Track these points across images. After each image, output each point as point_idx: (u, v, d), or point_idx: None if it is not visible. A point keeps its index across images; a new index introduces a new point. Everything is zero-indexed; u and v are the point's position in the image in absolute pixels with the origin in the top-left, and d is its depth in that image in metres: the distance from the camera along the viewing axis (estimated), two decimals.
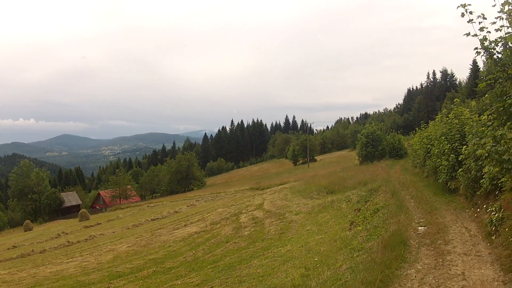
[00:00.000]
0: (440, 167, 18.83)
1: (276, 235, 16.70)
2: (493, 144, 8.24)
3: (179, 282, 12.62)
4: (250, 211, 26.30)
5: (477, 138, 12.59)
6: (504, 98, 7.87)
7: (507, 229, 8.59)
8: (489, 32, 7.89)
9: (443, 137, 18.84)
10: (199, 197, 58.70)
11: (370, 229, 12.54)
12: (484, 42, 7.96)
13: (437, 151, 19.78)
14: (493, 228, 9.72)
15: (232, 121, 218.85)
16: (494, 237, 9.45)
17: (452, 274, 7.82)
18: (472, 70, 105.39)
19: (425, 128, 29.38)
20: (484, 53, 8.10)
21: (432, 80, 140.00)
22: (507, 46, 7.61)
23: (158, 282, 13.26)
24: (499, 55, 7.88)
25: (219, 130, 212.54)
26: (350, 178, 28.53)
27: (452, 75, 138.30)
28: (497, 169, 10.63)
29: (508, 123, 7.95)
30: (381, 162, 40.39)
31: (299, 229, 16.86)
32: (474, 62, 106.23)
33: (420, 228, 11.96)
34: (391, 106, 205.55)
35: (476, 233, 10.54)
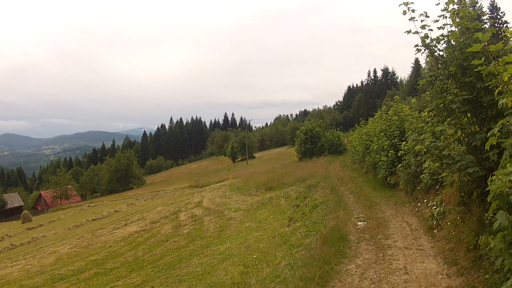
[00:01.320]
0: (380, 163, 19.22)
1: (215, 233, 16.71)
2: (433, 140, 8.37)
3: (120, 283, 12.49)
4: (189, 209, 26.17)
5: (416, 134, 12.88)
6: (445, 95, 8.02)
7: (449, 223, 8.77)
8: (431, 30, 8.02)
9: (382, 134, 19.20)
10: (138, 196, 58.04)
11: (309, 225, 12.57)
12: (426, 39, 8.07)
13: (376, 147, 20.16)
14: (435, 222, 9.93)
15: (171, 118, 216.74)
16: (436, 231, 9.64)
17: (393, 268, 7.86)
18: (414, 69, 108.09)
19: (364, 124, 29.89)
20: (425, 50, 8.21)
21: (373, 78, 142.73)
22: (450, 44, 7.74)
23: (99, 284, 13.10)
24: (441, 53, 8.02)
25: (158, 128, 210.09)
26: (288, 174, 28.53)
27: (394, 74, 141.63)
28: (437, 164, 10.92)
29: (448, 119, 8.11)
30: (320, 159, 40.65)
31: (238, 226, 16.89)
32: (416, 61, 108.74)
33: (359, 223, 12.08)
34: (331, 104, 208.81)
35: (417, 227, 10.74)
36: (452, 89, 7.58)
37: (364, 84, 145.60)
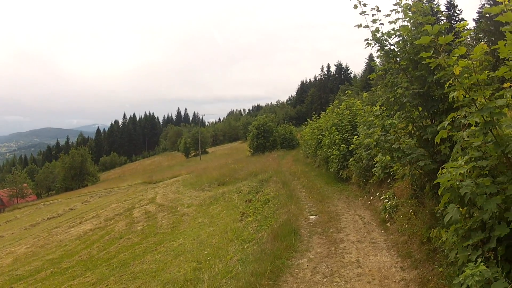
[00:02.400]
0: (332, 157, 19.34)
1: (169, 229, 16.76)
2: (382, 133, 8.42)
3: (76, 282, 12.48)
4: (143, 206, 26.09)
5: (366, 128, 13.00)
6: (395, 88, 8.06)
7: (401, 216, 8.85)
8: (382, 24, 8.02)
9: (334, 128, 19.37)
10: (93, 193, 57.10)
11: (261, 219, 12.60)
12: (376, 34, 8.07)
13: (328, 141, 20.32)
14: (387, 215, 10.00)
15: (124, 114, 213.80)
16: (388, 224, 9.70)
17: (346, 262, 7.82)
18: (368, 64, 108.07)
19: (316, 119, 30.07)
20: (375, 44, 8.20)
21: (326, 73, 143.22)
22: (401, 38, 7.76)
23: (55, 283, 13.07)
24: (392, 47, 8.04)
25: (111, 124, 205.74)
26: (241, 169, 28.67)
27: (347, 69, 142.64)
28: (389, 158, 11.03)
29: (399, 113, 8.15)
30: (273, 153, 40.77)
31: (191, 222, 16.91)
32: (370, 56, 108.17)
33: (311, 217, 12.03)
34: (284, 99, 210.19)
35: (370, 221, 10.79)
36: (403, 83, 7.61)
37: (317, 79, 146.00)
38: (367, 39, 8.17)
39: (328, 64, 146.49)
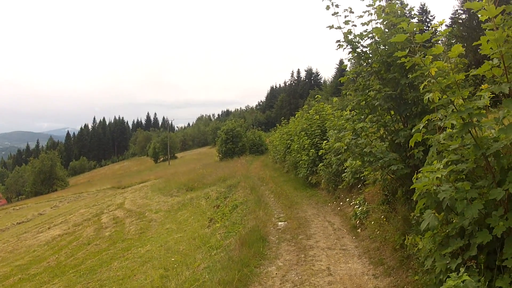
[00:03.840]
0: (301, 162, 19.22)
1: (136, 235, 16.66)
2: (353, 137, 8.20)
3: None
4: (111, 211, 25.95)
5: (336, 132, 12.83)
6: (367, 92, 7.89)
7: (373, 222, 8.65)
8: (355, 25, 7.86)
9: (303, 133, 19.25)
10: (62, 198, 56.43)
11: (229, 226, 12.39)
12: (349, 35, 7.89)
13: (297, 146, 20.20)
14: (358, 221, 9.79)
15: (94, 118, 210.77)
16: (359, 230, 9.48)
17: (316, 269, 7.55)
18: (338, 69, 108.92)
19: (285, 124, 30.01)
20: (347, 46, 8.02)
21: (296, 78, 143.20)
22: (374, 40, 7.59)
23: None
24: (364, 49, 7.87)
25: (81, 128, 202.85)
26: (209, 174, 28.61)
27: (317, 74, 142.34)
28: (359, 162, 10.87)
29: (370, 116, 7.98)
30: (241, 158, 40.92)
31: (158, 228, 16.83)
32: (341, 62, 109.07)
33: (280, 223, 11.77)
34: (253, 104, 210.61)
35: (340, 227, 10.56)
36: (375, 85, 7.43)
37: (287, 84, 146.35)
38: (338, 41, 7.99)
39: (298, 69, 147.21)
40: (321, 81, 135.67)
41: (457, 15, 42.81)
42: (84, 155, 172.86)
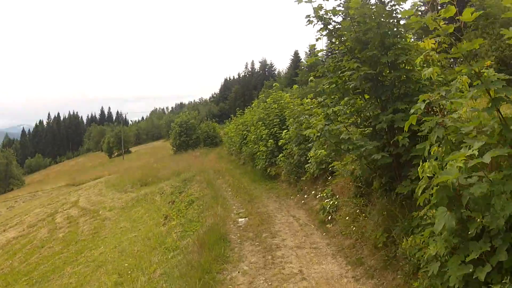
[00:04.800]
0: (258, 153, 18.56)
1: (90, 235, 16.49)
2: (326, 123, 7.32)
3: None
4: (65, 210, 25.57)
5: (301, 118, 12.06)
6: (338, 73, 7.11)
7: (347, 217, 7.81)
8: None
9: (260, 123, 18.63)
10: (18, 197, 54.88)
11: (185, 223, 11.62)
12: (320, 10, 7.04)
13: (254, 137, 19.56)
14: (328, 216, 8.95)
15: (49, 114, 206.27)
16: (329, 225, 8.61)
17: (287, 273, 6.60)
18: (293, 61, 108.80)
19: (241, 115, 29.37)
20: (317, 22, 7.17)
21: (250, 70, 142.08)
22: (349, 16, 6.76)
23: None
24: (338, 26, 7.05)
25: (36, 125, 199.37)
26: (163, 168, 28.35)
27: (272, 66, 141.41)
28: (325, 152, 10.10)
29: (346, 99, 7.17)
30: (196, 151, 40.49)
31: (113, 227, 16.50)
32: (295, 53, 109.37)
33: (240, 219, 10.85)
34: (207, 96, 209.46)
35: (306, 222, 9.69)
36: (351, 65, 6.57)
37: (241, 76, 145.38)
38: (308, 16, 7.10)
39: (253, 61, 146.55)
40: (275, 73, 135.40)
41: None
42: (40, 152, 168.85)
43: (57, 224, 21.59)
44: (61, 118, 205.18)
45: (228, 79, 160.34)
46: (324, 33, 7.17)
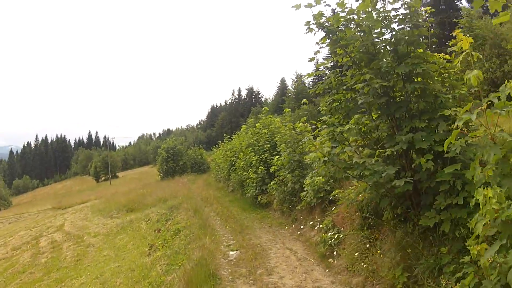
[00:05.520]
0: (248, 180, 17.83)
1: (72, 262, 15.72)
2: (334, 145, 6.39)
3: None
4: (50, 234, 24.71)
5: (305, 140, 11.26)
6: (343, 89, 6.33)
7: (356, 253, 6.70)
8: (329, 5, 6.25)
9: (250, 148, 17.94)
10: (3, 218, 53.38)
11: (171, 255, 10.62)
12: (320, 18, 6.24)
13: (243, 164, 18.84)
14: (330, 249, 7.98)
15: (36, 136, 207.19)
16: (332, 260, 7.62)
17: None
18: (280, 88, 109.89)
19: (228, 141, 28.82)
20: (318, 30, 6.36)
21: (237, 97, 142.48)
22: (354, 23, 5.96)
23: None
24: (342, 34, 6.25)
25: (24, 146, 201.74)
26: (150, 195, 27.37)
27: (258, 93, 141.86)
28: (322, 179, 9.32)
29: (356, 116, 6.30)
30: (183, 177, 39.97)
31: (96, 255, 15.88)
32: (282, 80, 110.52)
33: (231, 253, 9.89)
34: (194, 123, 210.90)
35: (305, 256, 8.70)
36: (363, 77, 5.68)
37: (228, 103, 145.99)
38: (308, 23, 6.29)
39: (239, 88, 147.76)
40: (262, 100, 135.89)
41: None
42: (27, 174, 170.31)
43: (40, 248, 20.82)
44: (49, 141, 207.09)
45: (215, 106, 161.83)
46: (327, 42, 6.37)
